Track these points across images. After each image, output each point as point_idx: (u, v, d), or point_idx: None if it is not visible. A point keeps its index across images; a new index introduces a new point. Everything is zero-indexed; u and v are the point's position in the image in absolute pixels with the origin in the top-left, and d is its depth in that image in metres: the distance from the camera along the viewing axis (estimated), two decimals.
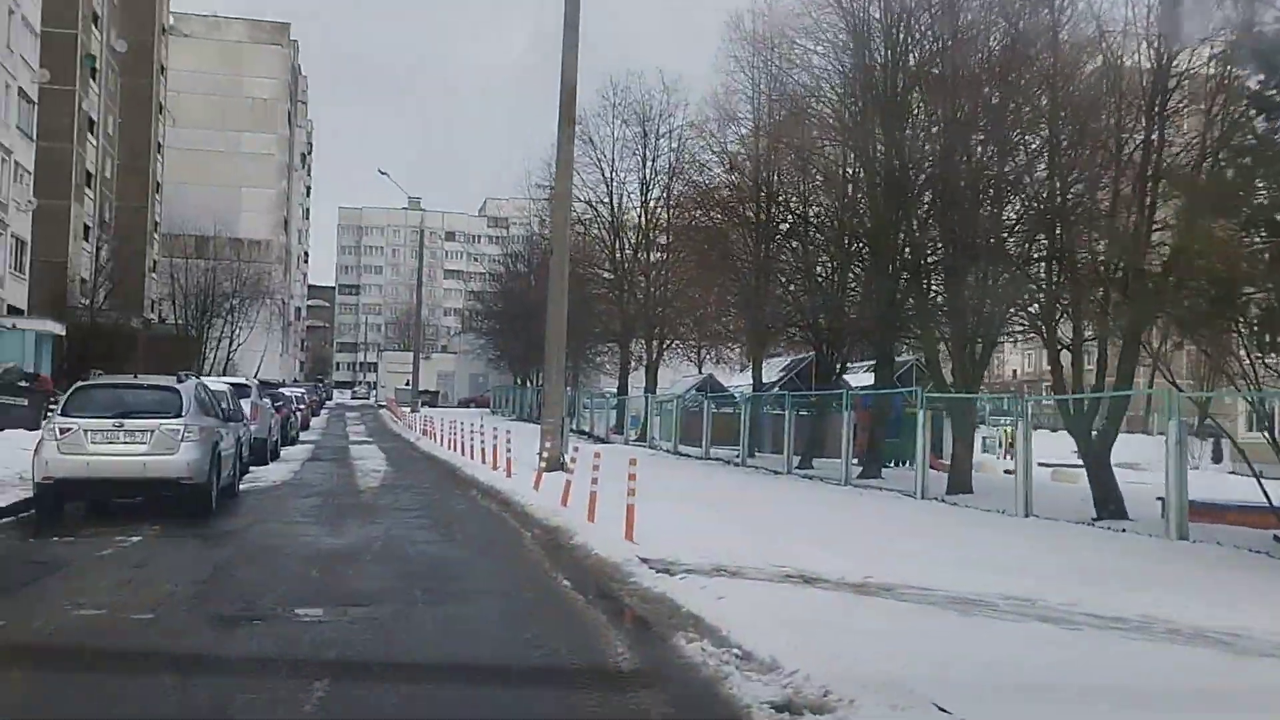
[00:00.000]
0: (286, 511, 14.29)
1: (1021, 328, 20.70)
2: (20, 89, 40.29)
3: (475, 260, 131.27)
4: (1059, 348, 17.57)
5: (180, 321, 59.77)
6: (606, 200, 39.28)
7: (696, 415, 31.90)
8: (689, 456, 28.82)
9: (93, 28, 53.85)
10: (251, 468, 20.09)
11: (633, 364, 46.96)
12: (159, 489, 12.50)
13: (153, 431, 12.34)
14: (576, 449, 18.34)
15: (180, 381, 13.27)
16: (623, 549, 9.97)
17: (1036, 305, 18.35)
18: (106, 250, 62.81)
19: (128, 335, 53.13)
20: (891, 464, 24.90)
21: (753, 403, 27.58)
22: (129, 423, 12.34)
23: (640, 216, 39.04)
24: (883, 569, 9.07)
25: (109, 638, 6.82)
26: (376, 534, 12.03)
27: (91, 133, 55.18)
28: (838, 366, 26.82)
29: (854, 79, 22.46)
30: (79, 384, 13.74)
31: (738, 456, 26.88)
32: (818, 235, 25.32)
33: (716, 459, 27.55)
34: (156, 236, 69.27)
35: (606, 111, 38.45)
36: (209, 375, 59.31)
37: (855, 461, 24.13)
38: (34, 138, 42.52)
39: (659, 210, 39.29)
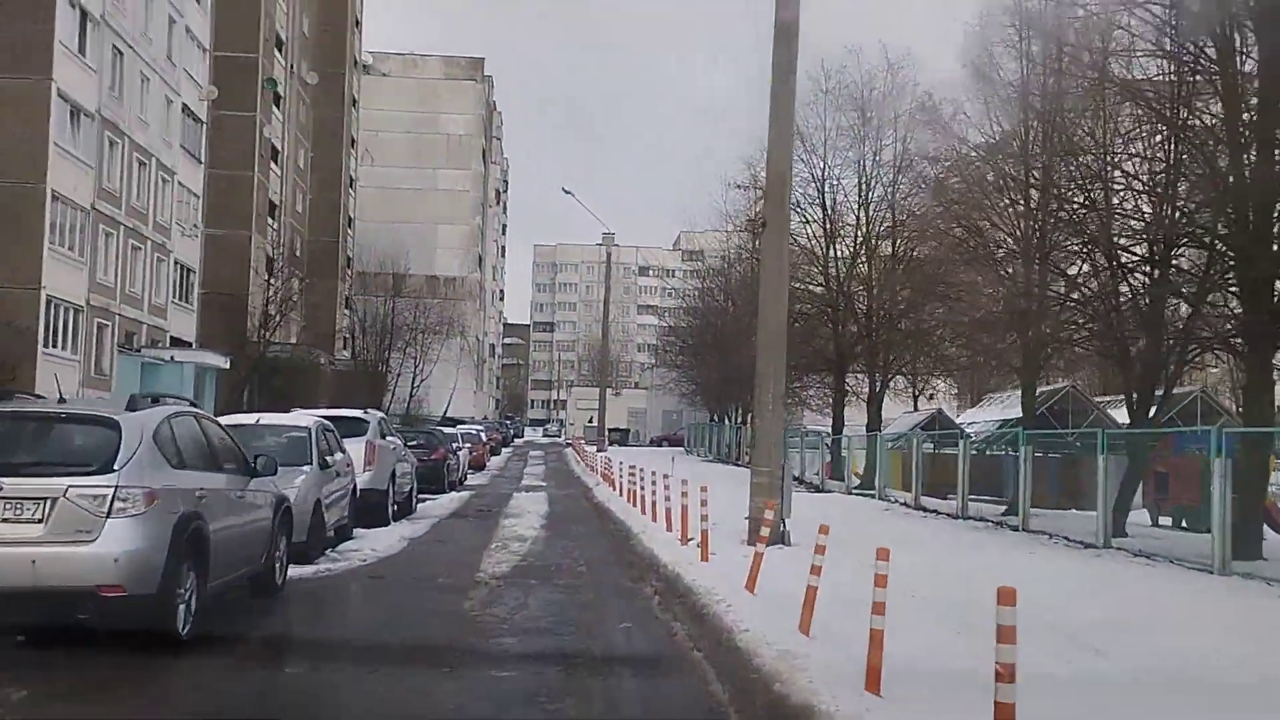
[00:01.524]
0: (327, 634, 8.37)
1: None
2: (185, 106, 37.27)
3: (669, 294, 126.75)
4: None
5: (368, 357, 56.53)
6: (817, 200, 32.66)
7: (939, 459, 24.78)
8: (937, 513, 21.61)
9: (275, 53, 51.46)
10: (356, 532, 14.48)
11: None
12: (59, 610, 6.73)
13: (49, 501, 6.61)
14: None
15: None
16: None
17: None
18: (296, 284, 60.73)
19: (311, 370, 50.05)
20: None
21: (1021, 443, 20.19)
22: (8, 484, 6.63)
23: (860, 217, 32.15)
24: None
25: None
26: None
27: (275, 162, 52.68)
28: (1151, 396, 19.07)
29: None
30: None
31: (1005, 514, 19.59)
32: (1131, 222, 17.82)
33: (978, 518, 20.26)
34: (349, 272, 67.04)
35: (817, 99, 31.86)
36: (389, 412, 55.87)
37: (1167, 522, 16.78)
38: (201, 160, 39.55)
39: (881, 211, 32.33)
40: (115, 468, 6.85)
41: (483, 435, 40.68)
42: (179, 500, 7.33)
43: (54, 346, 28.56)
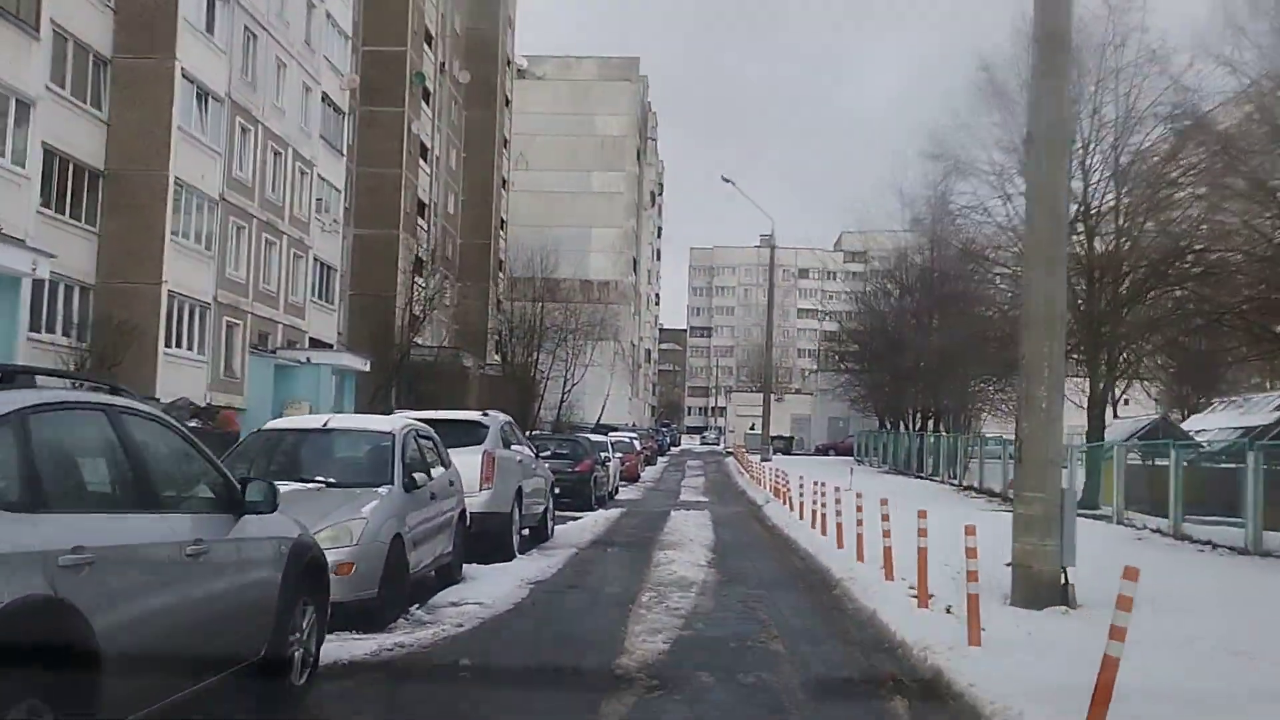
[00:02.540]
0: None
1: None
2: (325, 94, 34.95)
3: (830, 298, 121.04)
4: None
5: (515, 360, 53.68)
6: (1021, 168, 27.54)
7: (1201, 473, 19.62)
8: (1213, 545, 16.47)
9: (425, 47, 49.27)
10: (469, 570, 10.81)
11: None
12: None
13: None
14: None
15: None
16: None
17: None
18: (442, 284, 58.60)
19: (458, 374, 47.53)
20: None
21: None
22: None
23: (1080, 186, 26.86)
24: None
25: None
26: None
27: (425, 160, 50.51)
28: None
29: None
30: None
31: None
32: None
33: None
34: (501, 275, 64.71)
35: (1018, 56, 26.82)
36: (538, 420, 52.78)
37: None
38: (343, 152, 37.24)
39: (1102, 179, 26.99)
40: None
41: (636, 443, 37.00)
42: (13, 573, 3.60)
43: (177, 346, 26.22)
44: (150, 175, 25.36)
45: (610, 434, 42.35)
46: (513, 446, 13.15)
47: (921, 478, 36.54)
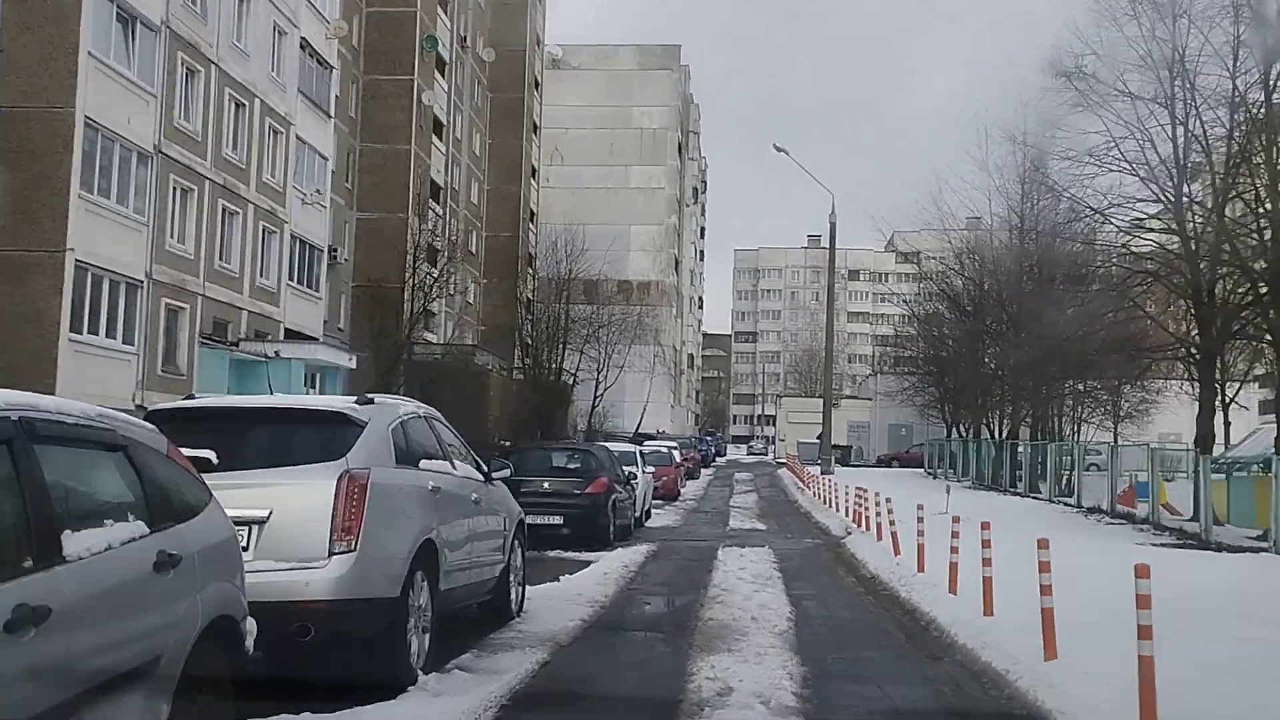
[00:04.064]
0: None
1: None
2: (304, 41, 29.12)
3: (883, 300, 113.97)
4: None
5: (538, 360, 47.41)
6: (1162, 96, 20.91)
7: None
8: None
9: (439, 10, 43.49)
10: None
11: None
12: None
13: None
14: None
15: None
16: None
17: None
18: (474, 284, 52.73)
19: (474, 376, 41.53)
20: None
21: None
22: None
23: (1231, 120, 20.15)
24: None
25: None
26: None
27: (439, 137, 44.71)
28: None
29: None
30: None
31: None
32: None
33: None
34: (531, 271, 58.72)
35: None
36: (570, 429, 46.53)
37: None
38: (330, 113, 31.40)
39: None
40: None
41: (676, 455, 30.66)
42: None
43: (91, 332, 20.40)
44: (51, 114, 19.66)
45: (645, 443, 36.14)
46: (424, 464, 6.90)
47: (1015, 493, 29.91)
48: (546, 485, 15.10)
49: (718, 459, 63.40)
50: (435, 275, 35.29)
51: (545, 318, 47.64)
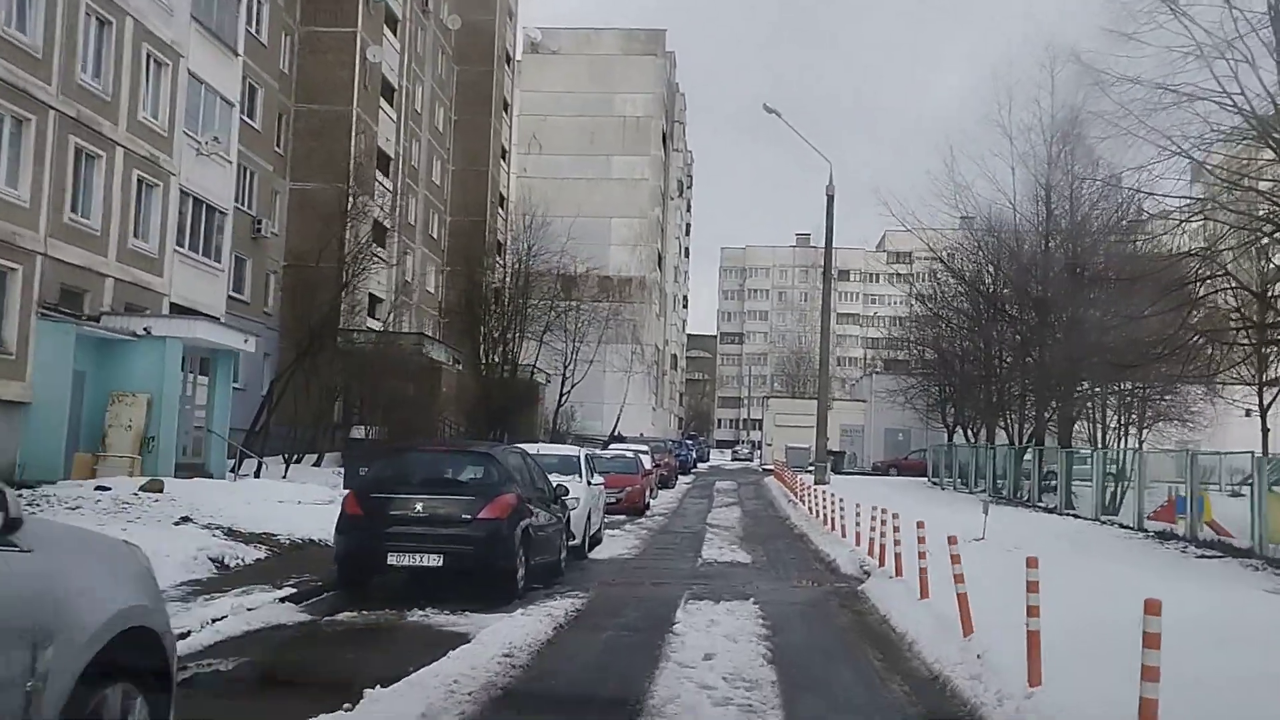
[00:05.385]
0: None
1: None
2: None
3: (874, 301, 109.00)
4: None
5: (507, 358, 42.03)
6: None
7: None
8: None
9: None
10: None
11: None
12: None
13: None
14: None
15: None
16: None
17: None
18: (437, 271, 47.44)
19: (425, 368, 36.26)
20: None
21: None
22: None
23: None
24: None
25: None
26: None
27: (390, 102, 39.45)
28: None
29: None
30: None
31: None
32: None
33: None
34: (500, 261, 53.34)
35: None
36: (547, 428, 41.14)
37: None
38: (238, 51, 26.07)
39: None
40: None
41: (644, 460, 25.35)
42: None
43: None
44: None
45: (612, 447, 30.92)
46: None
47: (1042, 508, 24.80)
48: (420, 508, 9.85)
49: (699, 465, 58.13)
50: (364, 248, 29.90)
51: (511, 308, 42.36)
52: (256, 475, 22.94)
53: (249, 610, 8.43)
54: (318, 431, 29.33)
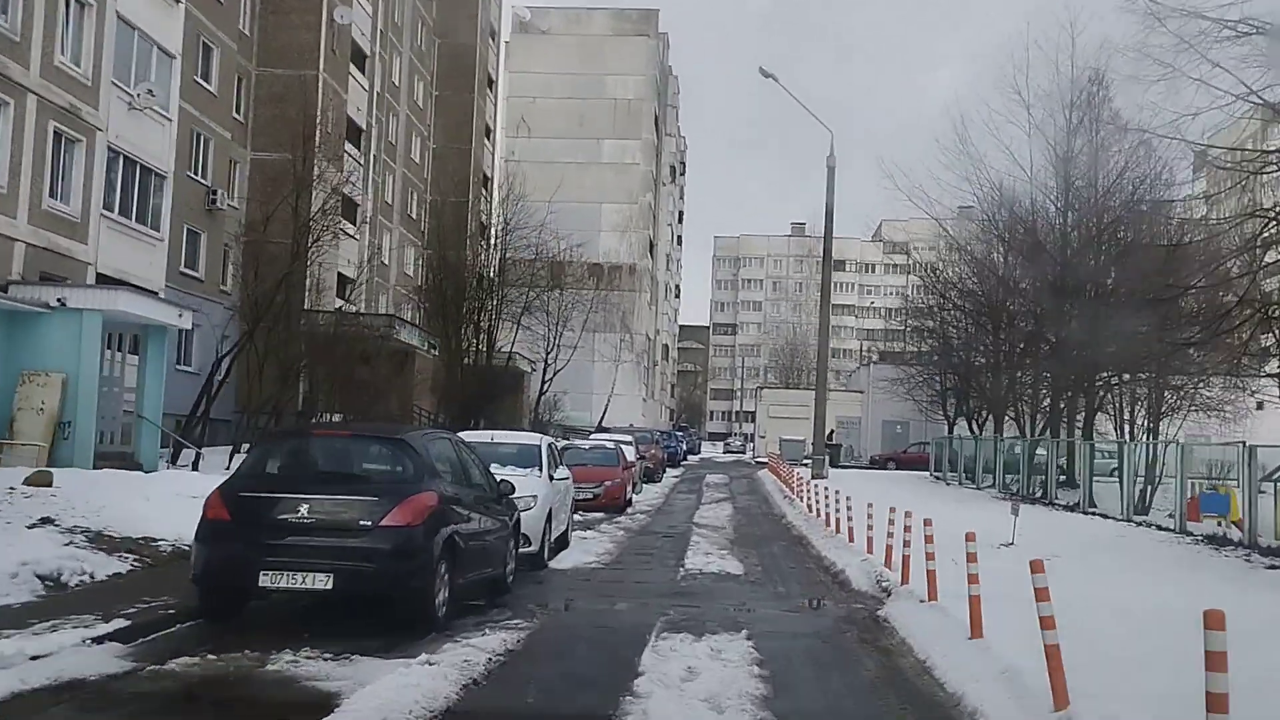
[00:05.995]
0: None
1: None
2: None
3: (868, 292, 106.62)
4: None
5: (491, 344, 39.45)
6: None
7: None
8: None
9: None
10: None
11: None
12: None
13: None
14: None
15: None
16: None
17: None
18: (417, 254, 44.90)
19: (394, 352, 33.78)
20: None
21: None
22: None
23: None
24: None
25: None
26: None
27: (361, 70, 36.86)
28: None
29: None
30: None
31: None
32: None
33: None
34: (482, 242, 50.70)
35: None
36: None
37: None
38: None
39: None
40: None
41: (626, 452, 22.85)
42: None
43: None
44: None
45: (592, 437, 28.47)
46: None
47: (1062, 506, 22.40)
48: (305, 511, 7.32)
49: (690, 457, 55.68)
50: (323, 217, 27.31)
51: (489, 289, 39.80)
52: (195, 467, 20.43)
53: (32, 659, 5.88)
54: (275, 419, 26.83)
